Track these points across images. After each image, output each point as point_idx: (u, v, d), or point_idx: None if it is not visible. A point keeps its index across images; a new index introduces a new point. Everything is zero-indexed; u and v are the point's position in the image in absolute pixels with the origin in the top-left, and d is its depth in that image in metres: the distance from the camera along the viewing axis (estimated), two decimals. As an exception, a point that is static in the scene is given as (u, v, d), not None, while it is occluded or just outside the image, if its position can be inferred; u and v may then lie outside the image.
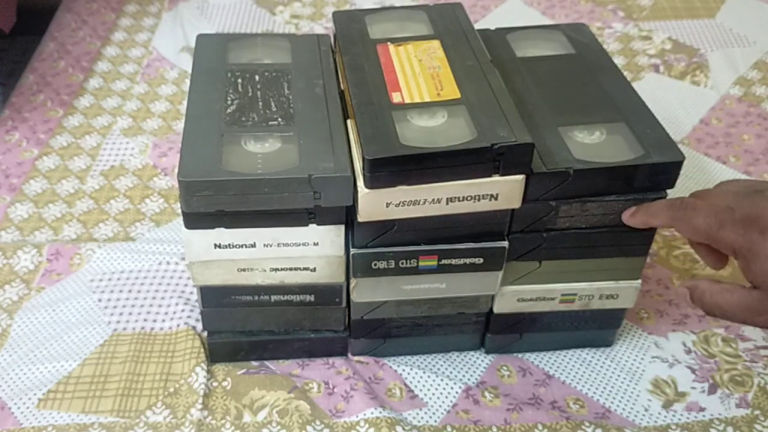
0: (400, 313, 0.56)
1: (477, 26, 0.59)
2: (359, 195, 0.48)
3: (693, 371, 0.58)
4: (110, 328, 0.60)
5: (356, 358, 0.59)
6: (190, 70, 0.57)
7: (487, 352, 0.60)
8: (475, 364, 0.59)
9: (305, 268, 0.53)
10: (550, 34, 0.63)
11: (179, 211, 0.59)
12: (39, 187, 0.73)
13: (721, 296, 0.46)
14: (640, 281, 0.55)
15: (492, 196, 0.49)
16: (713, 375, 0.58)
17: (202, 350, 0.57)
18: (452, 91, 0.52)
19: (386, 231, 0.50)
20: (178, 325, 0.60)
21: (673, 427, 0.55)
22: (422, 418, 0.55)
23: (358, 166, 0.48)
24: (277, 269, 0.52)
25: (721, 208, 0.47)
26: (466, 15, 0.60)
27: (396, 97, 0.51)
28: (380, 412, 0.54)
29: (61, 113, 0.82)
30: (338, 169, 0.48)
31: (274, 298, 0.54)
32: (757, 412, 0.56)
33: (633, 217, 0.51)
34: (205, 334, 0.58)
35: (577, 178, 0.49)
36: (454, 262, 0.52)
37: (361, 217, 0.49)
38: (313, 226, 0.50)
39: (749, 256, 0.44)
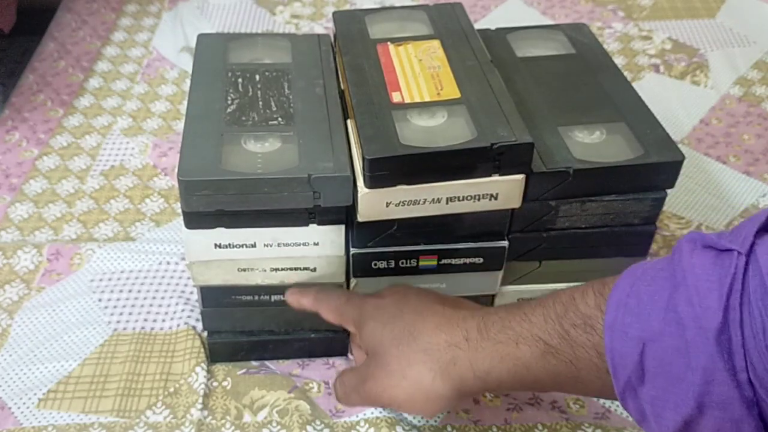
0: (400, 313, 0.56)
1: (477, 26, 0.59)
2: (359, 195, 0.48)
3: (693, 371, 0.58)
4: (110, 328, 0.60)
5: (356, 358, 0.59)
6: (190, 70, 0.57)
7: (487, 352, 0.60)
8: (475, 364, 0.59)
9: (305, 268, 0.53)
10: (550, 34, 0.63)
11: (179, 211, 0.59)
12: (39, 187, 0.73)
13: (345, 378, 0.50)
14: (640, 281, 0.55)
15: (492, 195, 0.49)
16: (713, 375, 0.58)
17: (202, 350, 0.57)
18: (452, 91, 0.52)
19: (386, 231, 0.50)
20: (178, 325, 0.60)
21: (673, 427, 0.55)
22: (422, 417, 0.55)
23: (358, 166, 0.48)
24: (277, 269, 0.52)
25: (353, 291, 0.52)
26: (466, 15, 0.60)
27: (396, 97, 0.51)
28: (380, 412, 0.54)
29: (61, 113, 0.82)
30: (338, 168, 0.48)
31: (274, 298, 0.54)
32: (757, 412, 0.56)
33: (291, 296, 0.53)
34: (205, 334, 0.58)
35: (577, 178, 0.49)
36: (454, 261, 0.52)
37: (361, 216, 0.49)
38: (313, 226, 0.50)
39: (360, 324, 0.49)
